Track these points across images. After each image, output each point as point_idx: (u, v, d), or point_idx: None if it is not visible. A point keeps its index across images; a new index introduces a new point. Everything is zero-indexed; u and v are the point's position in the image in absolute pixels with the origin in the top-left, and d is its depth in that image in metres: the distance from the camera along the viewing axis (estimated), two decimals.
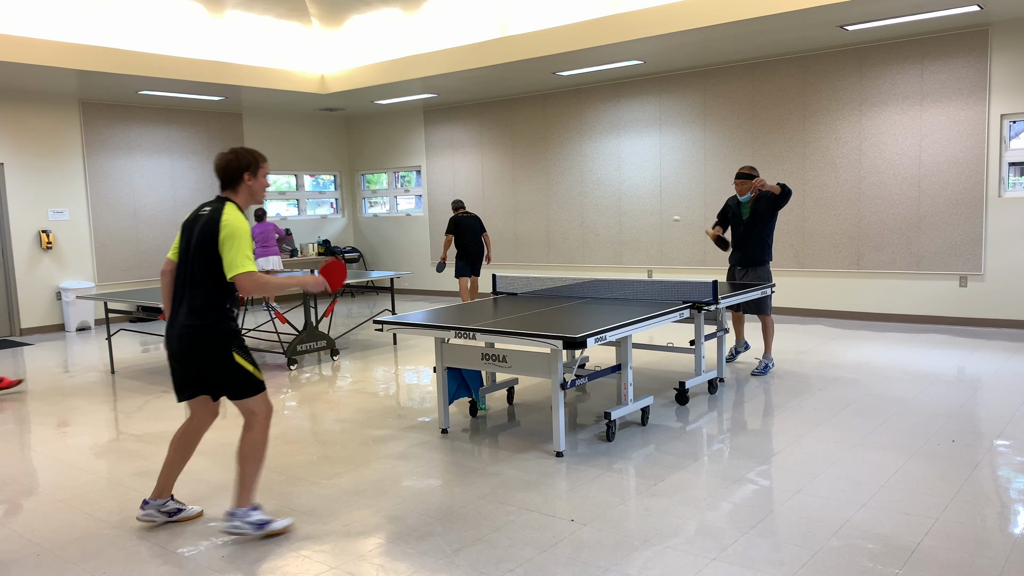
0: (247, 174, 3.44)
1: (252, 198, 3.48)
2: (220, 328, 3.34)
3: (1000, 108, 7.86)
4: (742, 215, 6.49)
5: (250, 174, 3.45)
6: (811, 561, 3.09)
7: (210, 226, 3.29)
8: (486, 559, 3.21)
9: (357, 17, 9.95)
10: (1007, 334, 7.75)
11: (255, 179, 3.47)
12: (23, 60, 8.06)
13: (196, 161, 11.64)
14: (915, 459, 4.22)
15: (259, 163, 3.48)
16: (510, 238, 11.83)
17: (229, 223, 3.27)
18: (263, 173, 3.50)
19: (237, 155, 3.43)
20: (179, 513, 3.68)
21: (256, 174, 3.47)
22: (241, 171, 3.42)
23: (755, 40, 8.23)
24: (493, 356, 4.62)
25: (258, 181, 3.49)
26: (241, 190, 3.45)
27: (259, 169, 3.48)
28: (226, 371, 3.37)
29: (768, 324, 6.44)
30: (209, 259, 3.28)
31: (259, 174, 3.49)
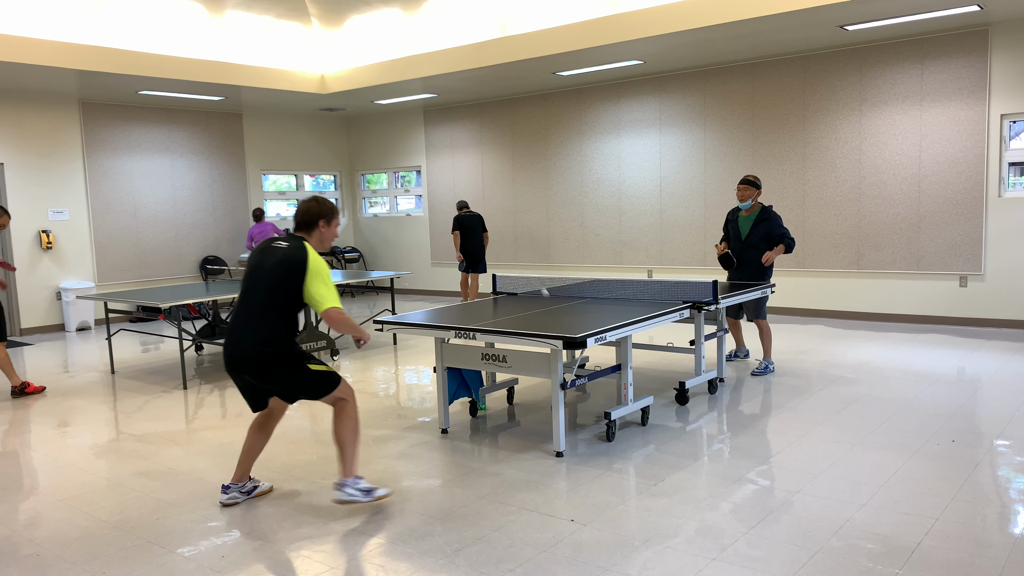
0: (323, 221, 3.73)
1: (321, 244, 3.76)
2: (292, 351, 3.63)
3: (1000, 108, 7.86)
4: (740, 231, 6.45)
5: (325, 222, 3.74)
6: (811, 561, 3.09)
7: (294, 262, 3.57)
8: (486, 559, 3.21)
9: (357, 17, 9.95)
10: (1007, 334, 7.75)
11: (328, 228, 3.76)
12: (23, 60, 8.06)
13: (196, 161, 11.64)
14: (915, 459, 4.22)
15: (335, 214, 3.77)
16: (510, 238, 11.83)
17: (317, 261, 3.59)
18: (336, 224, 3.78)
19: (319, 203, 3.73)
20: (255, 490, 4.01)
21: (330, 223, 3.76)
22: (319, 218, 3.72)
23: (755, 40, 8.23)
24: (493, 356, 4.62)
25: (330, 231, 3.77)
26: (314, 234, 3.74)
27: (334, 220, 3.77)
28: (307, 382, 3.67)
29: (764, 328, 6.41)
30: (285, 291, 3.56)
31: (332, 224, 3.77)
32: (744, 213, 6.47)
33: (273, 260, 3.61)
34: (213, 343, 8.42)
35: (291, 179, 13.19)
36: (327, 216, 3.74)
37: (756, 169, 9.39)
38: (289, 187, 13.18)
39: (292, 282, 3.56)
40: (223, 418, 5.62)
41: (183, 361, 6.78)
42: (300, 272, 3.55)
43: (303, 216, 3.72)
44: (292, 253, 3.59)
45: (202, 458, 4.68)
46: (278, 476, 4.31)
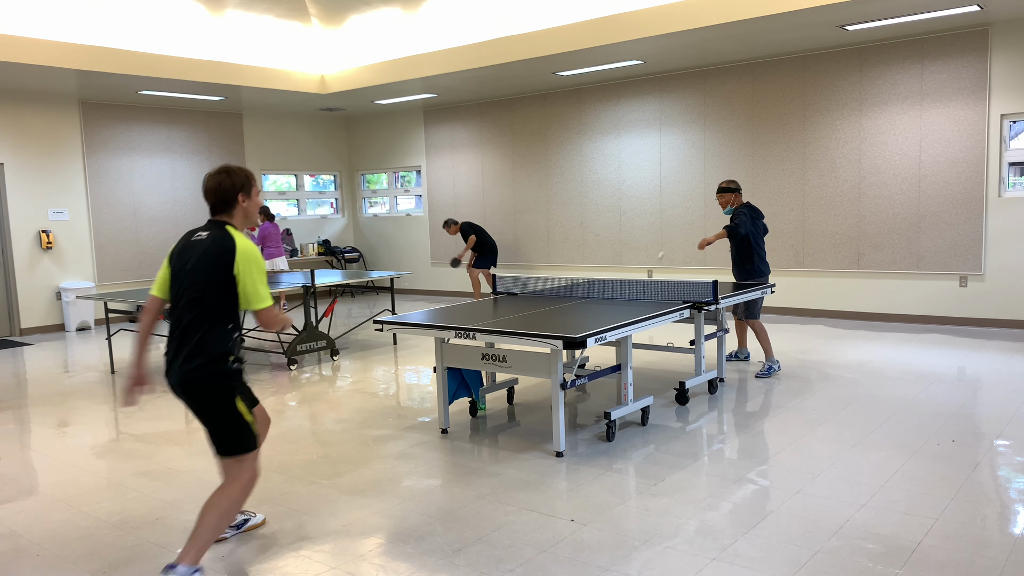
0: (241, 195, 3.11)
1: (247, 220, 3.16)
2: (224, 368, 2.98)
3: (1000, 108, 7.86)
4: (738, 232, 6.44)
5: (244, 195, 3.12)
6: (811, 561, 3.09)
7: (219, 253, 2.96)
8: (486, 559, 3.21)
9: (357, 17, 9.95)
10: (1007, 334, 7.75)
11: (249, 200, 3.14)
12: (23, 60, 8.06)
13: (196, 161, 11.64)
14: (915, 459, 4.22)
15: (252, 183, 3.17)
16: (510, 238, 11.83)
17: (246, 251, 2.98)
18: (256, 193, 3.18)
19: (230, 174, 3.10)
20: (246, 524, 3.55)
21: (250, 194, 3.14)
22: (236, 191, 3.09)
23: (755, 40, 8.23)
24: (493, 356, 4.62)
25: (253, 202, 3.16)
26: (236, 213, 3.12)
27: (253, 188, 3.16)
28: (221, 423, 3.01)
29: (759, 329, 6.39)
30: (217, 289, 2.96)
31: (253, 195, 3.16)
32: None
33: (195, 257, 3.00)
34: None
35: (291, 179, 13.19)
36: (245, 187, 3.11)
37: (756, 169, 9.39)
38: (289, 187, 13.18)
39: (221, 278, 2.95)
40: None
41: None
42: (228, 264, 2.94)
43: (217, 194, 3.08)
44: (216, 242, 2.98)
45: (202, 458, 4.68)
46: (278, 476, 4.31)
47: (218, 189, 3.07)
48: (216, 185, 3.07)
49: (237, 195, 3.10)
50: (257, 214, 3.21)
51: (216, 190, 3.07)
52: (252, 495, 4.02)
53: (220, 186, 3.07)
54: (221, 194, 3.07)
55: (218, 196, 3.08)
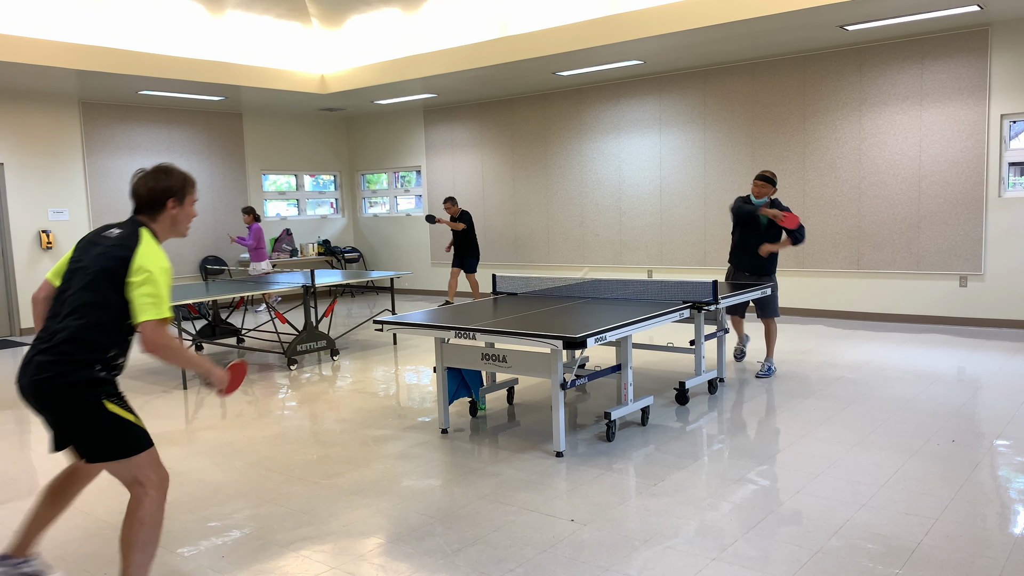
0: (172, 200, 2.78)
1: (174, 230, 2.83)
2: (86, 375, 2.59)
3: (1000, 108, 7.86)
4: (761, 221, 6.27)
5: (176, 200, 2.79)
6: (811, 561, 3.09)
7: (119, 254, 2.63)
8: (486, 559, 3.21)
9: (357, 17, 9.95)
10: (1007, 334, 7.75)
11: (181, 208, 2.81)
12: (23, 60, 8.05)
13: (196, 161, 11.63)
14: (915, 459, 4.22)
15: (189, 188, 2.83)
16: (510, 238, 11.83)
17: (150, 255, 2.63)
18: (191, 202, 2.85)
19: (168, 175, 2.78)
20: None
21: (183, 202, 2.81)
22: (167, 195, 2.76)
23: (755, 40, 8.22)
24: (493, 356, 4.62)
25: (184, 211, 2.82)
26: (162, 218, 2.78)
27: (187, 196, 2.82)
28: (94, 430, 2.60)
29: (772, 328, 6.36)
30: (105, 293, 2.60)
31: (186, 202, 2.82)
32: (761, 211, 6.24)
33: (96, 252, 2.68)
34: (213, 343, 8.42)
35: (291, 179, 13.19)
36: (178, 192, 2.77)
37: (756, 169, 9.38)
38: (289, 187, 13.18)
39: (114, 280, 2.60)
40: (223, 418, 5.62)
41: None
42: (123, 269, 2.60)
43: (145, 194, 2.75)
44: (119, 243, 2.66)
45: (202, 458, 4.68)
46: (278, 476, 4.31)
47: (151, 189, 2.75)
48: (148, 184, 2.75)
49: (167, 200, 2.77)
50: (187, 225, 2.86)
51: (146, 190, 2.75)
52: (251, 495, 4.02)
53: (155, 186, 2.75)
54: (151, 194, 2.75)
55: (148, 196, 2.76)
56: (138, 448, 2.67)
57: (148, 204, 2.77)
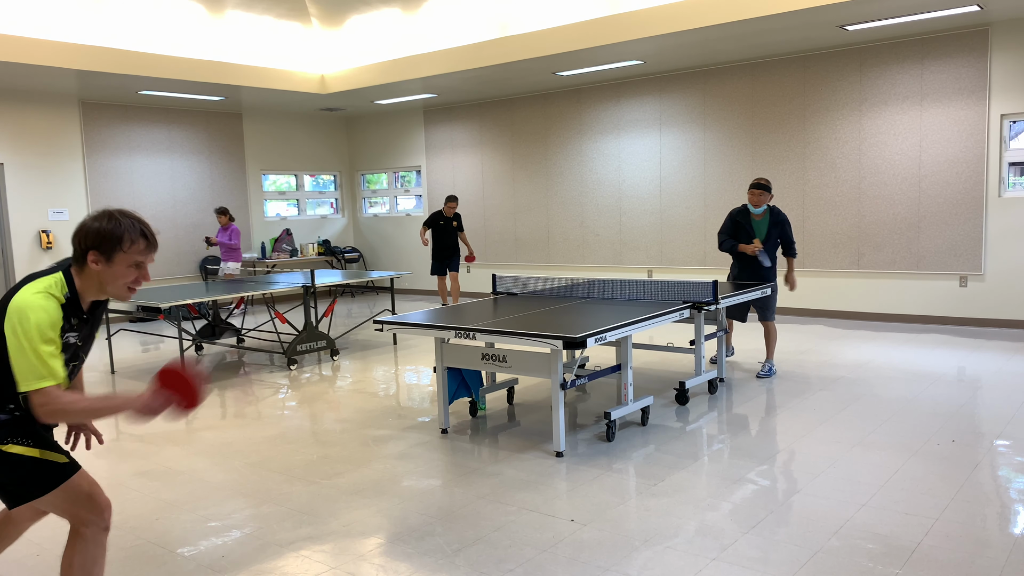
0: (93, 254, 2.23)
1: (100, 290, 2.29)
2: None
3: (1000, 108, 7.86)
4: (758, 233, 6.35)
5: (99, 256, 2.23)
6: (811, 561, 3.09)
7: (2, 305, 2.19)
8: (486, 559, 3.21)
9: (357, 17, 9.95)
10: (1007, 334, 7.75)
11: (108, 267, 2.24)
12: (23, 60, 8.06)
13: (196, 161, 11.64)
14: (915, 459, 4.22)
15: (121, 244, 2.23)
16: (510, 238, 11.83)
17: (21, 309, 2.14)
18: (124, 261, 2.25)
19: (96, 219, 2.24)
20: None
21: (111, 260, 2.23)
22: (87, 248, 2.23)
23: (755, 40, 8.22)
24: (493, 356, 4.62)
25: (111, 270, 2.25)
26: (86, 272, 2.26)
27: (116, 254, 2.23)
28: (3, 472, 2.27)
29: (772, 330, 6.38)
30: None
31: (117, 261, 2.24)
32: (756, 217, 6.38)
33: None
34: (213, 343, 8.42)
35: (291, 179, 13.19)
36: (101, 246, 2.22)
37: (756, 169, 9.39)
38: (289, 187, 13.18)
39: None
40: (223, 418, 5.62)
41: (183, 361, 6.77)
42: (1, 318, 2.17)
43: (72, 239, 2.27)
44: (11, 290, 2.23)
45: (202, 458, 4.68)
46: (278, 476, 4.31)
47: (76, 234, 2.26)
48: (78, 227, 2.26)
49: (88, 251, 2.23)
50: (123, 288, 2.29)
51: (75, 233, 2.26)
52: (251, 495, 4.02)
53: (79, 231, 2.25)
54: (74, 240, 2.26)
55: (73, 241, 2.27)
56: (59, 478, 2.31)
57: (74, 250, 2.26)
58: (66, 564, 2.36)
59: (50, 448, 2.33)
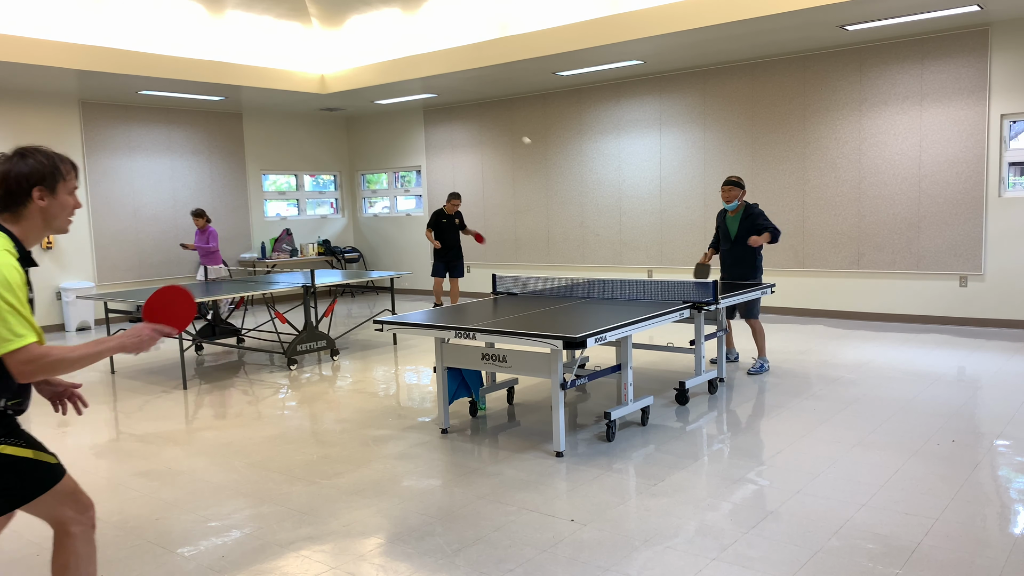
0: (39, 189, 2.16)
1: (47, 226, 2.22)
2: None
3: (1000, 108, 7.86)
4: (729, 232, 6.54)
5: (45, 189, 2.17)
6: (811, 561, 3.09)
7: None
8: (486, 559, 3.21)
9: (357, 17, 9.95)
10: (1007, 334, 7.75)
11: (53, 197, 2.19)
12: (23, 60, 8.05)
13: (196, 161, 11.64)
14: (915, 459, 4.22)
15: (61, 174, 2.20)
16: (510, 238, 11.83)
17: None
18: (68, 189, 2.23)
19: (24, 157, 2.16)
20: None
21: (54, 189, 2.19)
22: (29, 184, 2.15)
23: (755, 40, 8.22)
24: (493, 356, 4.62)
25: (57, 200, 2.20)
26: (27, 213, 2.17)
27: (60, 183, 2.20)
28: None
29: (757, 328, 6.48)
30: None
31: (60, 190, 2.20)
32: (731, 214, 6.56)
33: None
34: (213, 343, 8.42)
35: (291, 179, 13.19)
36: (46, 179, 2.16)
37: (756, 169, 9.40)
38: (289, 187, 13.18)
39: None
40: (223, 418, 5.62)
41: (183, 361, 6.78)
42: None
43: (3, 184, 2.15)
44: None
45: (202, 458, 4.68)
46: (278, 476, 4.31)
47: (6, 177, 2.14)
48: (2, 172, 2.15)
49: (31, 189, 2.16)
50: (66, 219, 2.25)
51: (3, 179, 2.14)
52: (251, 495, 4.02)
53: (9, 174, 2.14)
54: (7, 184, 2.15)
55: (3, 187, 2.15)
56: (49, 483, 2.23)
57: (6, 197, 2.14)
58: (59, 567, 2.29)
59: (41, 449, 2.25)
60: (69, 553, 2.29)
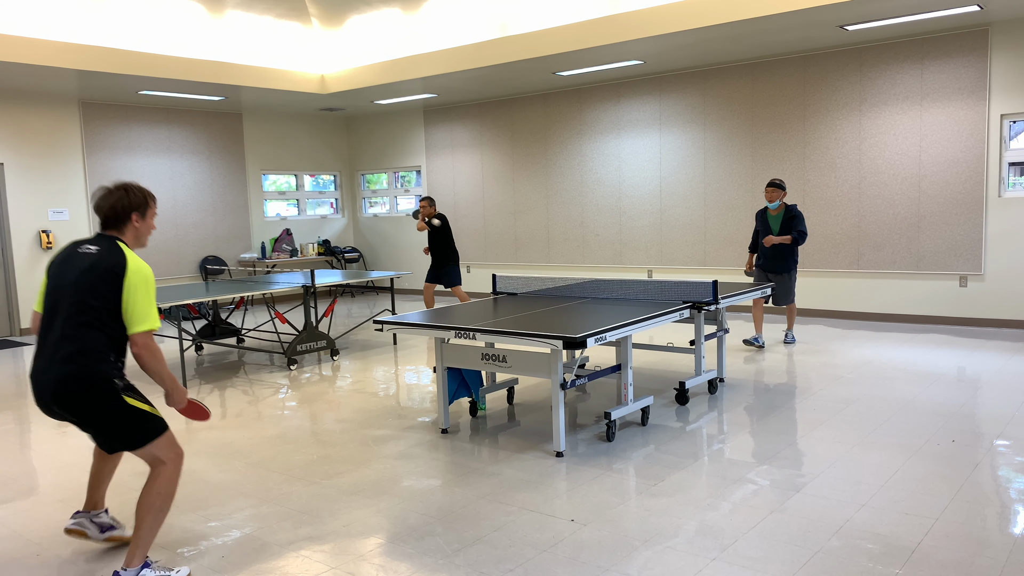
0: (135, 215, 3.09)
1: (137, 242, 3.14)
2: (104, 374, 2.90)
3: (1000, 108, 7.86)
4: (772, 229, 7.40)
5: (139, 215, 3.10)
6: (811, 561, 3.09)
7: (108, 267, 2.92)
8: (486, 559, 3.21)
9: (357, 17, 9.95)
10: (1007, 334, 7.75)
11: (144, 222, 3.13)
12: (23, 60, 8.05)
13: (196, 161, 11.64)
14: (915, 459, 4.22)
15: (149, 204, 3.14)
16: (510, 238, 11.83)
17: (138, 268, 2.94)
18: (152, 215, 3.16)
19: (128, 192, 3.08)
20: (111, 531, 3.44)
21: (145, 215, 3.12)
22: (130, 211, 3.07)
23: (755, 40, 8.22)
24: (493, 356, 4.62)
25: (146, 224, 3.14)
26: (128, 232, 3.10)
27: (148, 210, 3.13)
28: (117, 421, 2.94)
29: (791, 309, 7.63)
30: (99, 304, 2.90)
31: (148, 216, 3.14)
32: (772, 212, 7.40)
33: (77, 269, 2.94)
34: (213, 343, 8.42)
35: (291, 179, 13.19)
36: (140, 207, 3.08)
37: (756, 169, 9.40)
38: (289, 187, 13.18)
39: (106, 291, 2.89)
40: (223, 418, 5.62)
41: (183, 361, 6.78)
42: (117, 278, 2.90)
43: (110, 211, 3.04)
44: (105, 256, 2.94)
45: (202, 458, 4.68)
46: (278, 476, 4.31)
47: (114, 206, 3.05)
48: (113, 201, 3.05)
49: (131, 215, 3.08)
50: (147, 236, 3.17)
51: (113, 206, 3.05)
52: (251, 495, 4.02)
53: (116, 204, 3.05)
54: (115, 211, 3.05)
55: (112, 212, 3.05)
56: (153, 433, 3.01)
57: (113, 220, 3.06)
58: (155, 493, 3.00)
59: (150, 404, 3.05)
60: (161, 484, 3.01)
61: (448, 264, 8.78)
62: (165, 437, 3.05)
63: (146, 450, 3.01)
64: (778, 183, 7.30)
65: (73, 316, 2.89)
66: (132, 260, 2.96)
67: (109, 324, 2.92)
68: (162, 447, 3.03)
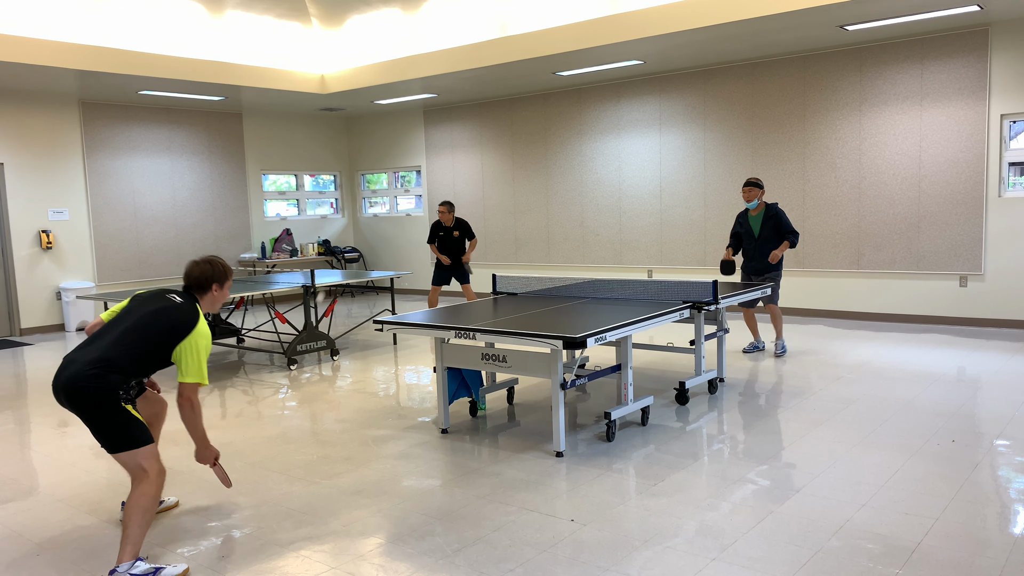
0: (216, 285, 3.57)
1: (212, 307, 3.60)
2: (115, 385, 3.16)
3: (1000, 108, 7.86)
4: (753, 231, 7.09)
5: (218, 286, 3.58)
6: (811, 561, 3.09)
7: (182, 319, 3.35)
8: (486, 559, 3.21)
9: (357, 17, 9.95)
10: (1007, 334, 7.75)
11: (221, 291, 3.60)
12: (23, 60, 8.06)
13: (196, 161, 11.64)
14: (915, 459, 4.22)
15: (228, 277, 3.62)
16: (510, 238, 11.83)
17: (204, 333, 3.38)
18: (228, 287, 3.63)
19: (213, 266, 3.56)
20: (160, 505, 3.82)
21: (223, 287, 3.60)
22: (212, 281, 3.56)
23: (755, 40, 8.22)
24: (493, 356, 4.62)
25: (223, 293, 3.61)
26: (206, 298, 3.56)
27: (226, 283, 3.61)
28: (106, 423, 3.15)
29: (776, 312, 7.06)
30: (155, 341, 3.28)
31: (225, 287, 3.60)
32: (752, 213, 7.08)
33: (156, 307, 3.36)
34: (213, 343, 8.41)
35: (291, 179, 13.19)
36: (220, 279, 3.57)
37: (756, 169, 9.40)
38: (289, 187, 13.18)
39: (167, 337, 3.29)
40: (223, 418, 5.62)
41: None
42: (182, 333, 3.31)
43: (197, 279, 3.53)
44: (182, 310, 3.38)
45: None
46: (278, 476, 4.32)
47: (202, 275, 3.53)
48: (200, 272, 3.53)
49: (212, 284, 3.56)
50: (221, 304, 3.63)
51: (200, 275, 3.53)
52: (251, 495, 4.03)
53: (204, 274, 3.54)
54: (200, 280, 3.53)
55: (200, 280, 3.53)
56: (136, 442, 3.19)
57: (199, 286, 3.54)
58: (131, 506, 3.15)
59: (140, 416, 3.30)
60: (142, 495, 3.16)
61: (463, 265, 9.21)
62: (150, 449, 3.22)
63: (131, 456, 3.18)
64: (755, 182, 6.97)
65: (128, 335, 3.25)
66: (202, 322, 3.39)
67: (148, 361, 3.28)
68: (146, 456, 3.20)
